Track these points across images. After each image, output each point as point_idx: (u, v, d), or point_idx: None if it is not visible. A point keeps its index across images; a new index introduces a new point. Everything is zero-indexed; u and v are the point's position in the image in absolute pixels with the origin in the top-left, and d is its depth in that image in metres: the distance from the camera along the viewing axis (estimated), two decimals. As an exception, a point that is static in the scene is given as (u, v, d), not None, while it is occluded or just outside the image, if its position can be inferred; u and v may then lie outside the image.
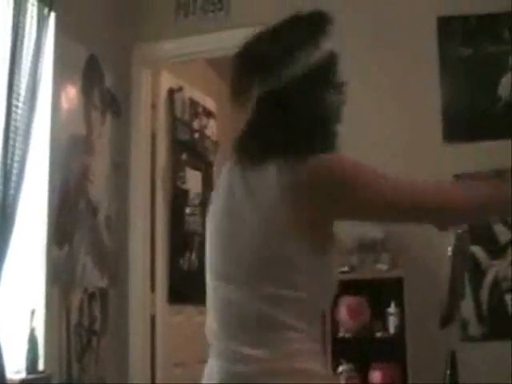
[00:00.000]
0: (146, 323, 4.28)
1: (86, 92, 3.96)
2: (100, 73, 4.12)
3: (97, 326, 3.91)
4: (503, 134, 3.63)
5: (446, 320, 3.52)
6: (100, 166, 4.08)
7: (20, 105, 3.26)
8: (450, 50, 3.81)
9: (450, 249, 3.58)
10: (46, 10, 3.43)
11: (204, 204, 4.94)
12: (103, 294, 4.01)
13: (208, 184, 5.08)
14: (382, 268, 3.55)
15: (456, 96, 3.78)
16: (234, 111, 1.59)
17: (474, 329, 3.55)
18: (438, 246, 3.54)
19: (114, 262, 4.13)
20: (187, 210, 4.77)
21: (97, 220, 4.01)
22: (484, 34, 3.78)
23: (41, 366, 3.36)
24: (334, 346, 3.50)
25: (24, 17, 3.29)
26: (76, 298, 3.74)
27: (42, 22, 3.39)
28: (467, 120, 3.75)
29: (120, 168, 4.28)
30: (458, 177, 3.61)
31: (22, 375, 3.24)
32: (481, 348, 3.48)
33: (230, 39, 4.25)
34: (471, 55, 3.77)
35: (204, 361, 4.97)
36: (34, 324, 3.33)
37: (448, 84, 3.79)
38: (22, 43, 3.26)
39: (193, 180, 4.91)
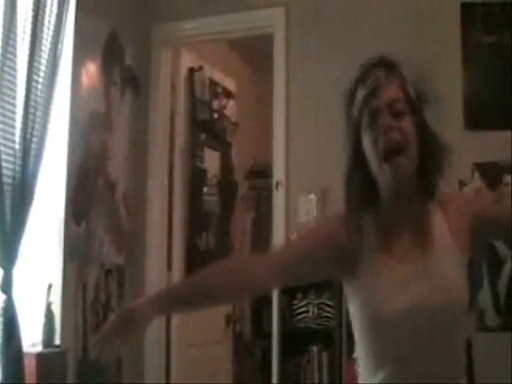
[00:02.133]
0: None
1: (105, 69, 3.96)
2: (120, 50, 4.11)
3: (113, 303, 3.93)
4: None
5: None
6: (118, 143, 4.08)
7: (40, 80, 3.27)
8: (473, 36, 3.73)
9: None
10: (67, -14, 3.43)
11: (221, 184, 4.96)
12: (120, 271, 4.03)
13: (225, 164, 5.12)
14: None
15: (478, 83, 3.71)
16: None
17: (491, 319, 3.48)
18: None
19: (131, 240, 4.15)
20: (205, 190, 4.75)
21: (115, 197, 4.02)
22: (508, 22, 3.68)
23: (57, 341, 3.39)
24: (350, 332, 3.47)
25: (45, -8, 3.29)
26: (93, 274, 3.77)
27: (63, -3, 3.39)
28: (489, 108, 3.68)
29: (138, 146, 4.28)
30: (478, 165, 3.57)
31: (39, 349, 3.28)
32: (497, 339, 3.42)
33: (251, 20, 4.28)
34: (494, 42, 3.69)
35: (219, 341, 5.00)
36: (51, 299, 3.36)
37: (470, 71, 3.72)
38: (42, 18, 3.26)
39: (211, 160, 4.89)
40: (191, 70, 4.69)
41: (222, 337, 4.88)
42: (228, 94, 5.24)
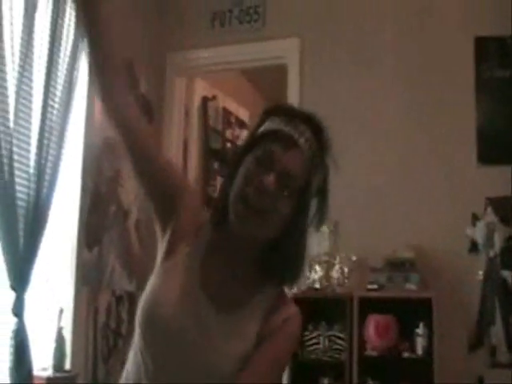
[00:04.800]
0: None
1: (120, 96, 3.97)
2: (135, 78, 4.14)
3: (123, 329, 3.92)
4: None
5: (475, 345, 3.48)
6: (130, 170, 4.07)
7: (56, 105, 3.31)
8: (487, 71, 3.75)
9: (480, 273, 3.55)
10: (84, 14, 3.47)
11: None
12: (131, 297, 4.01)
13: None
14: (410, 287, 3.49)
15: (491, 118, 3.71)
16: None
17: (503, 355, 3.44)
18: (468, 270, 3.54)
19: (142, 267, 4.08)
20: None
21: (127, 224, 4.02)
22: (522, 56, 3.71)
23: (67, 365, 3.39)
24: (361, 364, 3.45)
25: (62, 19, 3.34)
26: (104, 299, 3.76)
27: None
28: (502, 142, 3.68)
29: None
30: (491, 200, 3.57)
31: (49, 373, 3.26)
32: (509, 375, 3.37)
33: (265, 50, 4.34)
34: (508, 77, 3.70)
35: None
36: (62, 323, 3.35)
37: (483, 105, 3.72)
38: (59, 44, 3.31)
39: None
40: (205, 99, 4.74)
41: None
42: (241, 124, 5.32)
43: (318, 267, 3.61)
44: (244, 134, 5.32)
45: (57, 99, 3.32)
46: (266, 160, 1.42)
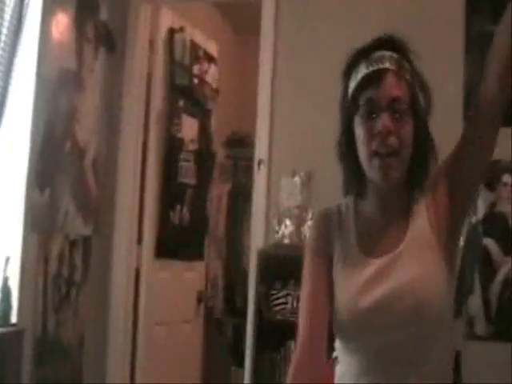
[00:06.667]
0: (130, 277, 4.06)
1: (78, 22, 3.65)
2: (95, 3, 3.81)
3: (77, 277, 3.69)
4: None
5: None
6: (89, 105, 3.80)
7: (4, 30, 2.98)
8: (477, 26, 3.48)
9: (461, 239, 3.39)
10: None
11: (198, 154, 4.72)
12: (86, 242, 3.79)
13: (204, 133, 4.86)
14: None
15: (480, 76, 3.45)
16: None
17: (482, 327, 3.30)
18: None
19: (99, 210, 3.90)
20: (180, 159, 4.50)
21: (83, 163, 3.77)
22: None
23: (14, 319, 3.17)
24: (330, 327, 3.27)
25: None
26: (56, 245, 3.51)
27: None
28: None
29: (111, 110, 4.01)
30: None
31: (-7, 327, 3.04)
32: (487, 348, 3.24)
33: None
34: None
35: (189, 320, 4.90)
36: (8, 273, 3.13)
37: (472, 63, 3.46)
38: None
39: (189, 128, 4.63)
40: (171, 31, 4.42)
41: (192, 315, 4.71)
42: (210, 59, 4.99)
43: (288, 221, 3.42)
44: (212, 69, 5.03)
45: (5, 23, 2.99)
46: (371, 108, 1.50)
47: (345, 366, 1.61)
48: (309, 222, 3.40)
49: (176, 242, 4.40)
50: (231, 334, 5.37)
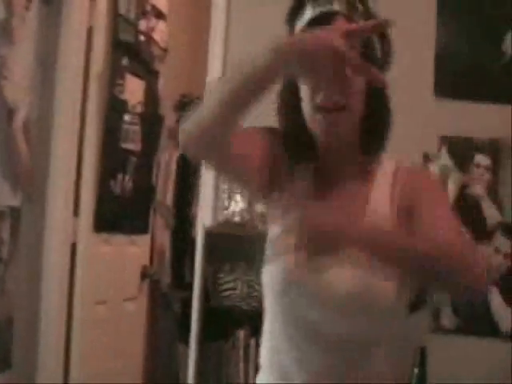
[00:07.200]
0: (66, 252, 3.82)
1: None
2: None
3: (4, 253, 3.44)
4: (503, 97, 3.23)
5: (416, 305, 3.13)
6: (20, 60, 3.52)
7: None
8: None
9: None
10: None
11: (143, 118, 4.49)
12: (15, 214, 3.54)
13: (150, 95, 4.64)
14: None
15: (453, 45, 3.35)
16: None
17: (448, 320, 3.26)
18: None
19: (30, 178, 3.66)
20: (123, 123, 4.25)
21: (12, 125, 3.50)
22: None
23: None
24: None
25: None
26: (-22, 218, 3.25)
27: None
28: (464, 74, 3.33)
29: (45, 66, 3.73)
30: (447, 139, 3.22)
31: None
32: (453, 341, 3.22)
33: None
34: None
35: (131, 298, 4.67)
36: None
37: (445, 29, 3.34)
38: None
39: (133, 89, 4.39)
40: (115, -20, 4.14)
41: (135, 293, 4.54)
42: (158, 14, 4.76)
43: (239, 197, 3.23)
44: (161, 26, 4.81)
45: None
46: None
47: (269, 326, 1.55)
48: (262, 199, 3.20)
49: (117, 213, 4.21)
50: (179, 309, 5.21)
